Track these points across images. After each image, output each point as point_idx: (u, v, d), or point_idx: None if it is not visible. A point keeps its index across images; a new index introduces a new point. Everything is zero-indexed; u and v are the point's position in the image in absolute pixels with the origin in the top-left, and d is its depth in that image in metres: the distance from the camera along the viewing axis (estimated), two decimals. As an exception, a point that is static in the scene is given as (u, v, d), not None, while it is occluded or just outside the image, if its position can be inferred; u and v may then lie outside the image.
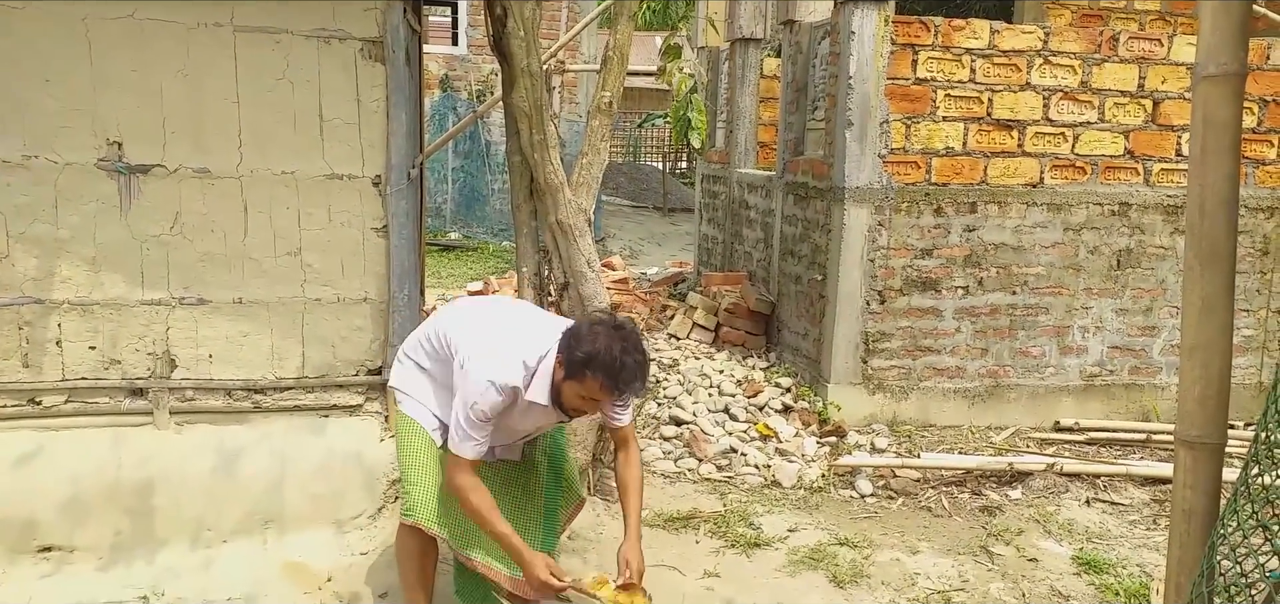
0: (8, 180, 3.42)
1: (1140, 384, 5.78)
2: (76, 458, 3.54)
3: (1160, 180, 5.64)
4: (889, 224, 5.38)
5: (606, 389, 2.57)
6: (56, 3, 3.36)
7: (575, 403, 2.66)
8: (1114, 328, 5.72)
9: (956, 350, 5.58)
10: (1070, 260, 5.61)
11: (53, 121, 3.43)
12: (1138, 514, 4.56)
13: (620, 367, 2.54)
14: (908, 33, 5.27)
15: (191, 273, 3.63)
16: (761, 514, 4.31)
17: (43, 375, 3.57)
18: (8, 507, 3.41)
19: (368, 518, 3.73)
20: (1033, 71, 5.41)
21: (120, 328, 3.60)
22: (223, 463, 3.66)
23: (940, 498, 4.65)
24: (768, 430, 5.20)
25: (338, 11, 3.61)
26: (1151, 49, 5.52)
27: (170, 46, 3.48)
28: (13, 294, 3.49)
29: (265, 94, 3.60)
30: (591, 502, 4.08)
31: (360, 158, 3.73)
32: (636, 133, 23.69)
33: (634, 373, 2.56)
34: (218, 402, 3.73)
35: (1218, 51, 1.58)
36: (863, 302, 5.43)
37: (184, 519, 3.56)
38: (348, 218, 3.75)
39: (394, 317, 3.82)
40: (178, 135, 3.54)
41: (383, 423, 3.89)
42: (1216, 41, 1.59)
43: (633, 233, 13.92)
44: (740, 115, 7.91)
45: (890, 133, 5.31)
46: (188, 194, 3.58)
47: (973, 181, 5.45)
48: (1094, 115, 5.51)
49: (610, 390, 2.57)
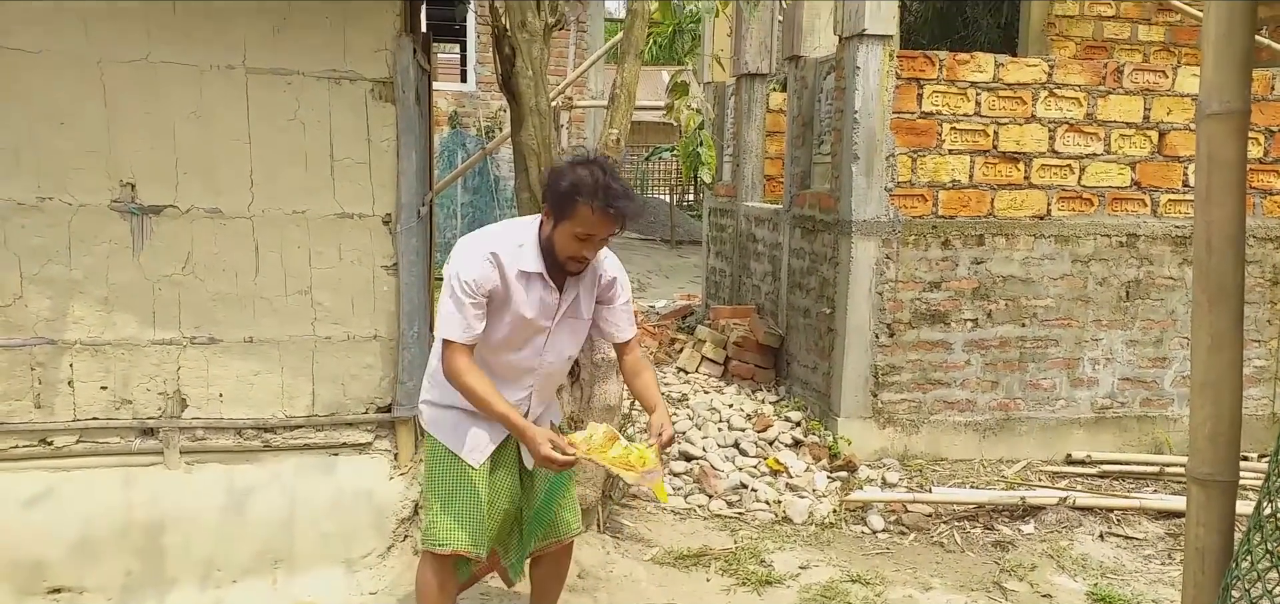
0: (22, 222, 3.46)
1: (1152, 416, 5.75)
2: (87, 498, 3.54)
3: (1168, 211, 5.64)
4: (897, 257, 5.39)
5: (597, 212, 2.51)
6: (72, 46, 3.41)
7: (570, 248, 2.58)
8: (1124, 359, 5.70)
9: (967, 383, 5.56)
10: (1079, 292, 5.60)
11: (67, 163, 3.46)
12: (1152, 548, 4.52)
13: (606, 186, 2.51)
14: (912, 67, 5.31)
15: (203, 312, 3.65)
16: (773, 551, 4.28)
17: (54, 416, 3.59)
18: (18, 548, 3.42)
19: (378, 557, 3.72)
20: (1038, 104, 5.43)
21: (132, 368, 3.62)
22: (233, 502, 3.66)
23: (953, 533, 4.62)
24: (778, 465, 5.18)
25: (349, 53, 3.65)
26: (1156, 81, 5.54)
27: (183, 88, 3.53)
28: (26, 335, 3.52)
29: (277, 134, 3.63)
30: (600, 538, 4.07)
31: (371, 197, 3.76)
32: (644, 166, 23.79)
33: (621, 190, 2.53)
34: (228, 441, 3.74)
35: (1221, 89, 1.59)
36: (872, 335, 5.42)
37: (194, 559, 3.56)
38: (358, 256, 3.78)
39: (404, 354, 3.83)
40: (190, 176, 3.58)
41: (392, 460, 3.89)
42: (1219, 80, 1.60)
43: (640, 265, 13.94)
44: (747, 149, 7.95)
45: (896, 166, 5.33)
46: (200, 234, 3.61)
47: (980, 214, 5.46)
48: (1100, 147, 5.52)
49: (602, 211, 2.51)
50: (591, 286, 2.82)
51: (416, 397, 3.88)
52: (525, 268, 2.64)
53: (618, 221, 2.57)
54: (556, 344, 2.79)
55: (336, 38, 3.63)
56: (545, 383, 2.85)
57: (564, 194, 2.54)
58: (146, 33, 3.46)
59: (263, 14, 3.55)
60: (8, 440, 3.54)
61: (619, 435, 2.72)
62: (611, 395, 3.96)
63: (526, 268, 2.64)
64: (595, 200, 2.51)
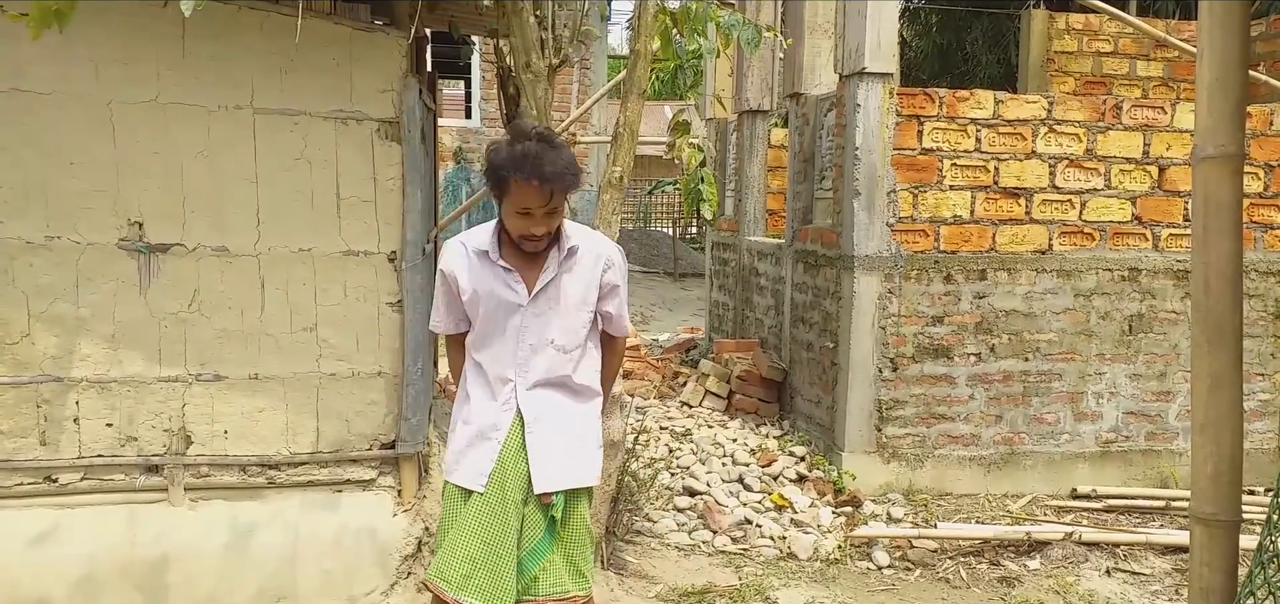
0: (30, 261, 3.49)
1: (1157, 450, 5.74)
2: (91, 536, 3.55)
3: (1169, 245, 5.66)
4: (899, 292, 5.40)
5: (526, 183, 2.49)
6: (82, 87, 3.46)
7: (516, 225, 2.57)
8: (1128, 393, 5.69)
9: (971, 418, 5.55)
10: (1082, 326, 5.61)
11: (75, 202, 3.50)
12: (1159, 584, 4.49)
13: (533, 155, 2.49)
14: (912, 104, 5.35)
15: (209, 350, 3.67)
16: (778, 587, 4.26)
17: (60, 453, 3.60)
18: (22, 586, 3.42)
19: (381, 594, 3.71)
20: (1038, 140, 5.47)
21: (137, 405, 3.63)
22: (236, 540, 3.66)
23: (958, 568, 4.60)
24: (783, 501, 5.17)
25: (355, 94, 3.70)
26: (1155, 116, 5.58)
27: (191, 128, 3.57)
28: (32, 372, 3.54)
29: (283, 173, 3.67)
30: (604, 575, 4.06)
31: (376, 234, 3.79)
32: (647, 200, 23.90)
33: (550, 156, 2.50)
34: (232, 478, 3.75)
35: (1216, 133, 1.62)
36: (875, 369, 5.43)
37: (197, 597, 3.56)
38: (363, 293, 3.80)
39: (408, 390, 3.84)
40: (197, 214, 3.61)
41: (396, 497, 3.89)
42: (1214, 123, 1.62)
43: (644, 298, 13.97)
44: (749, 184, 7.99)
45: (898, 202, 5.36)
46: (206, 272, 3.64)
47: (981, 249, 5.49)
48: (1100, 182, 5.55)
49: (527, 182, 2.49)
50: (586, 274, 2.73)
51: (420, 434, 3.91)
52: (480, 248, 2.68)
53: (547, 190, 2.51)
54: (535, 328, 2.68)
55: (343, 79, 3.68)
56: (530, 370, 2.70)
57: (495, 172, 2.56)
58: (156, 74, 3.51)
59: (271, 55, 3.59)
60: (13, 478, 3.55)
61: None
62: (615, 431, 3.96)
63: (481, 247, 2.68)
64: (521, 172, 2.49)
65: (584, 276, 2.74)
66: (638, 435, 5.43)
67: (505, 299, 2.68)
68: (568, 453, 2.74)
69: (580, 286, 2.73)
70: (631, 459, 4.60)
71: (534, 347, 2.70)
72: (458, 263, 2.70)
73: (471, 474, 2.70)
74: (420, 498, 3.92)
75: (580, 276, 2.73)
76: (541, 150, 2.52)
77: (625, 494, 4.48)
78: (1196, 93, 1.65)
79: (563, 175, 2.53)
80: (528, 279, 2.68)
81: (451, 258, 2.72)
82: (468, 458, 2.72)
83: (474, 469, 2.70)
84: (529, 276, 2.69)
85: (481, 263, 2.69)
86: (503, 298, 2.68)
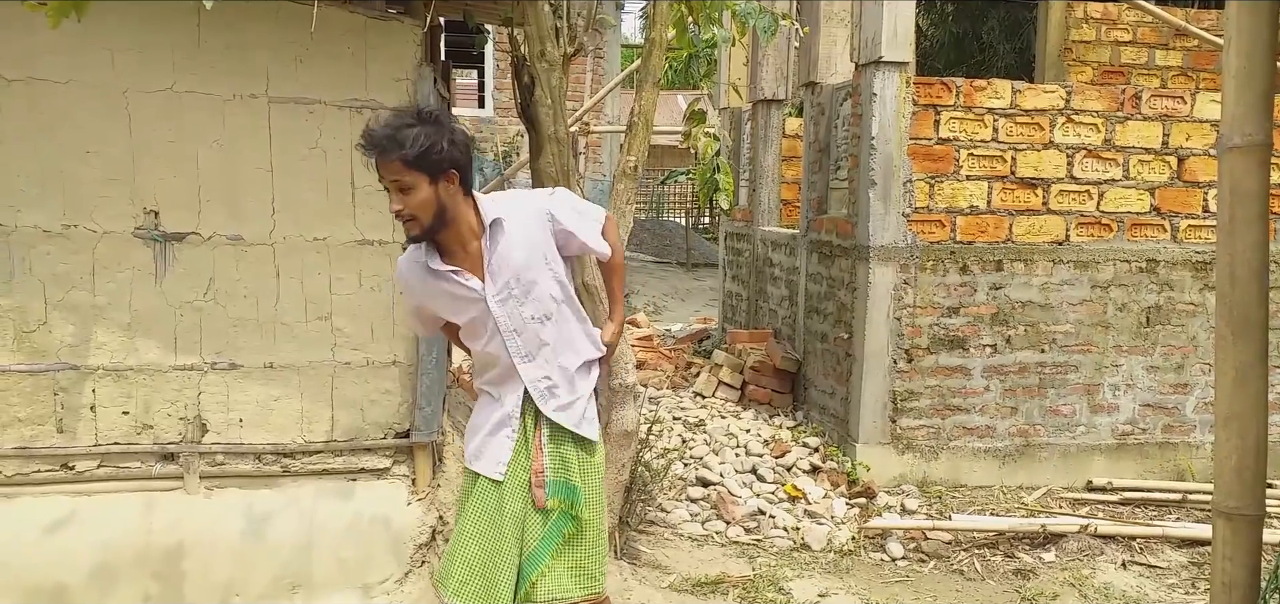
0: (47, 249, 3.50)
1: (1174, 442, 5.69)
2: (108, 523, 3.57)
3: (1188, 237, 5.60)
4: (914, 282, 5.37)
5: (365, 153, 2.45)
6: (98, 76, 3.46)
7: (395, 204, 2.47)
8: (1145, 385, 5.65)
9: (986, 409, 5.52)
10: (1099, 318, 5.57)
11: (92, 191, 3.51)
12: (1176, 577, 4.46)
13: (367, 127, 2.45)
14: (929, 93, 5.31)
15: (224, 338, 3.68)
16: (791, 579, 4.25)
17: (76, 440, 3.62)
18: (39, 573, 3.44)
19: (395, 582, 3.72)
20: (1056, 130, 5.42)
21: (153, 393, 3.65)
22: (251, 527, 3.68)
23: (973, 561, 4.58)
24: (796, 491, 5.16)
25: (370, 82, 3.69)
26: (1174, 106, 5.52)
27: (206, 117, 3.57)
28: (49, 360, 3.56)
29: (298, 162, 3.67)
30: (618, 565, 4.06)
31: (390, 223, 3.78)
32: (660, 189, 23.86)
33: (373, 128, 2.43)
34: (247, 466, 3.76)
35: (1243, 122, 1.59)
36: (890, 360, 5.40)
37: (213, 584, 3.57)
38: (378, 282, 3.80)
39: (422, 379, 3.84)
40: (213, 203, 3.62)
41: (410, 486, 3.90)
42: (1241, 112, 1.59)
43: (656, 288, 13.95)
44: (763, 174, 7.96)
45: (914, 192, 5.32)
46: (221, 260, 3.65)
47: (998, 239, 5.44)
48: (1118, 172, 5.50)
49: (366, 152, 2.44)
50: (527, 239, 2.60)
51: (434, 422, 3.92)
52: (421, 261, 2.59)
53: (377, 158, 2.42)
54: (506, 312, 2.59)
55: (358, 67, 3.68)
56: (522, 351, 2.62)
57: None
58: (172, 63, 3.51)
59: (286, 44, 3.59)
60: (30, 465, 3.58)
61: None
62: (629, 422, 3.96)
63: (421, 260, 2.59)
64: (365, 151, 2.45)
65: (525, 242, 2.59)
66: (651, 426, 5.43)
67: (466, 299, 2.60)
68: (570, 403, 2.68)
69: (523, 253, 2.59)
70: (645, 449, 4.60)
71: (516, 330, 2.61)
72: (409, 279, 2.64)
73: (490, 464, 2.67)
74: (434, 486, 3.92)
75: (520, 244, 2.59)
76: (380, 121, 2.45)
77: (638, 484, 4.47)
78: (1223, 82, 1.63)
79: (381, 142, 2.40)
80: (476, 272, 2.59)
81: (403, 273, 2.66)
82: (489, 449, 2.69)
83: (494, 459, 2.67)
84: (476, 268, 2.59)
85: (428, 276, 2.60)
86: (464, 299, 2.60)
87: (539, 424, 2.67)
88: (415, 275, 2.62)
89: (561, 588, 2.66)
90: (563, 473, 2.66)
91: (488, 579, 2.62)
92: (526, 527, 2.66)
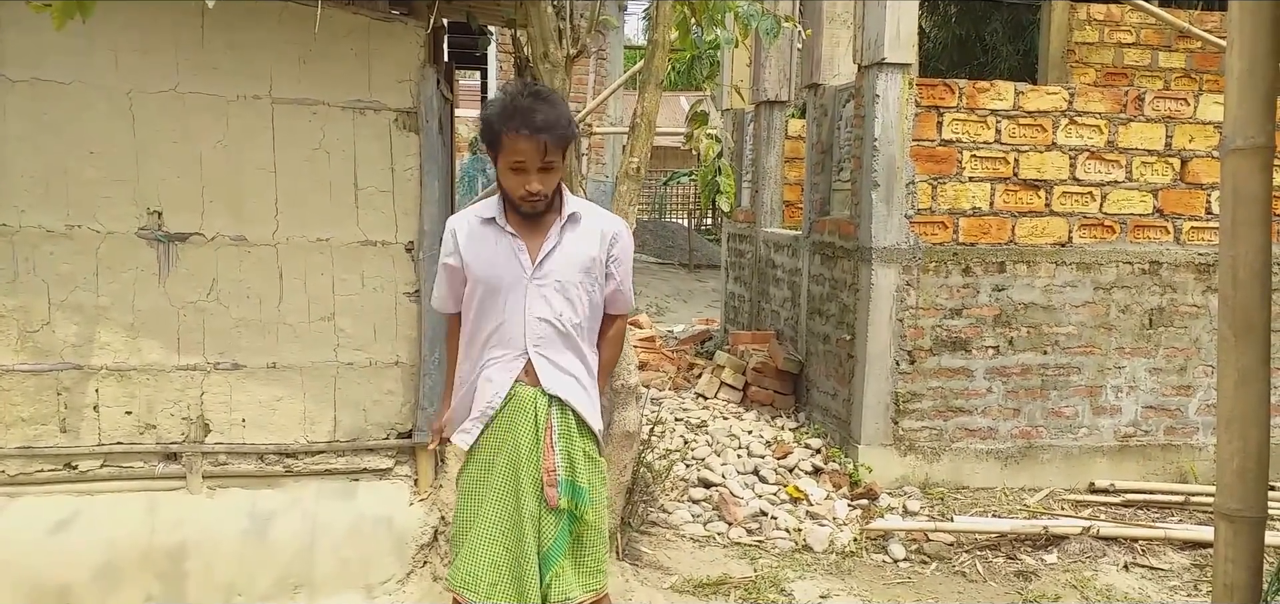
0: (51, 249, 3.51)
1: (1176, 445, 5.69)
2: (111, 523, 3.57)
3: (1191, 238, 5.60)
4: (917, 284, 5.37)
5: (516, 134, 2.43)
6: (102, 77, 3.47)
7: (512, 185, 2.49)
8: (1148, 387, 5.64)
9: (988, 411, 5.52)
10: (1101, 319, 5.56)
11: (95, 191, 3.52)
12: (1178, 580, 4.46)
13: (521, 108, 2.44)
14: (932, 95, 5.31)
15: (227, 339, 3.69)
16: (793, 580, 4.26)
17: (80, 440, 3.63)
18: (42, 573, 3.45)
19: (397, 583, 3.73)
20: (1058, 132, 5.41)
21: (156, 393, 3.66)
22: (254, 527, 3.68)
23: (975, 562, 4.57)
24: (798, 493, 5.16)
25: (374, 84, 3.70)
26: (1177, 108, 5.51)
27: (210, 118, 3.58)
28: (53, 360, 3.56)
29: (302, 163, 3.68)
30: (619, 566, 4.06)
31: (393, 224, 3.79)
32: (663, 191, 23.86)
33: (531, 109, 2.43)
34: (250, 466, 3.77)
35: (1245, 124, 1.58)
36: (892, 361, 5.40)
37: (215, 584, 3.58)
38: (381, 283, 3.81)
39: (425, 380, 3.85)
40: (216, 204, 3.62)
41: (412, 486, 3.91)
42: (1244, 114, 1.59)
43: (659, 289, 13.96)
44: (766, 175, 7.96)
45: (916, 193, 5.32)
46: (224, 261, 3.65)
47: (1001, 241, 5.44)
48: (1121, 174, 5.50)
49: (518, 132, 2.43)
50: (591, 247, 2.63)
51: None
52: (485, 215, 2.62)
53: (539, 142, 2.43)
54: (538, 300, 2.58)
55: (361, 69, 3.68)
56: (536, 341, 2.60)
57: (487, 126, 2.50)
58: (175, 65, 3.52)
59: (289, 45, 3.60)
60: (34, 464, 3.59)
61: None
62: (631, 423, 3.96)
63: (486, 214, 2.61)
64: (512, 124, 2.43)
65: (588, 248, 2.63)
66: (653, 427, 5.43)
67: (507, 267, 2.58)
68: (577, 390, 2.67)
69: (584, 257, 2.62)
70: (647, 450, 4.60)
71: (541, 318, 2.59)
72: (457, 227, 2.66)
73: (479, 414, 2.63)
74: (436, 487, 3.93)
75: (584, 247, 2.62)
76: (532, 103, 2.46)
77: (640, 485, 4.47)
78: (1226, 84, 1.62)
79: (554, 126, 2.44)
80: (532, 248, 2.59)
81: (453, 223, 2.68)
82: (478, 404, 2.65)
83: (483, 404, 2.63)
84: (532, 246, 2.59)
85: (485, 229, 2.61)
86: (505, 267, 2.58)
87: (549, 418, 2.62)
88: (468, 224, 2.64)
89: (569, 588, 2.65)
90: (569, 473, 2.65)
91: (517, 579, 2.58)
92: (542, 527, 2.63)
